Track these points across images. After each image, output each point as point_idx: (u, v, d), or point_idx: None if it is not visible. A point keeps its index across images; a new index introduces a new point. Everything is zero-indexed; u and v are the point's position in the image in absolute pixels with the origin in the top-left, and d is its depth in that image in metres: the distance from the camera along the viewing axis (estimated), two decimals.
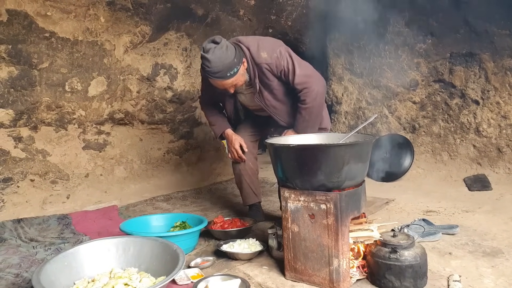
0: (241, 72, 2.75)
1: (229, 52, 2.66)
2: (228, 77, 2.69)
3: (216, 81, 2.73)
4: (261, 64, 2.80)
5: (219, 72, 2.65)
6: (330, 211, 2.03)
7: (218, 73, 2.65)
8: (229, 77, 2.70)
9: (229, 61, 2.64)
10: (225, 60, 2.62)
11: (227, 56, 2.64)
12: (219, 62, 2.62)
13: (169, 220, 3.07)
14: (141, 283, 2.03)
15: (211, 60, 2.60)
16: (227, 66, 2.64)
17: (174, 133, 4.94)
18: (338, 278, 2.05)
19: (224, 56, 2.62)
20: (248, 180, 3.32)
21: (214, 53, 2.61)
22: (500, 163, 4.35)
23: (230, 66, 2.65)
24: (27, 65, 3.49)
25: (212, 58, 2.60)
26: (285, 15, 5.34)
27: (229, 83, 2.75)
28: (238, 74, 2.73)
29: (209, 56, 2.60)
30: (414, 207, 3.64)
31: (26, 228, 3.35)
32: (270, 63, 2.79)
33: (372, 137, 2.30)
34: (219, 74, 2.65)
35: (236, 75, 2.72)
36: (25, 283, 2.32)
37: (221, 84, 2.75)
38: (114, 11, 3.89)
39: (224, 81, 2.71)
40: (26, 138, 3.66)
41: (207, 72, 2.67)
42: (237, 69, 2.70)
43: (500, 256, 2.43)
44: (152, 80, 4.43)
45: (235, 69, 2.69)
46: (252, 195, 3.36)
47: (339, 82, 5.66)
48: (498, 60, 4.30)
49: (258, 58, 2.79)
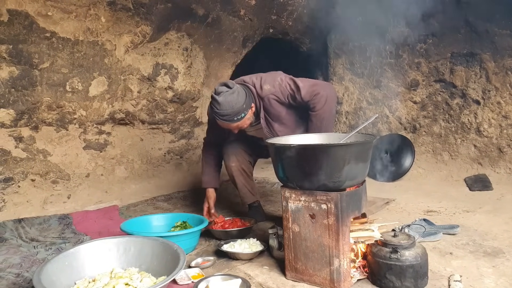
0: (248, 116, 2.87)
1: (240, 98, 2.76)
2: (235, 121, 2.81)
3: (223, 123, 2.84)
4: (267, 97, 2.88)
5: (226, 116, 2.76)
6: (331, 211, 2.03)
7: (226, 116, 2.76)
8: (236, 121, 2.81)
9: (238, 106, 2.74)
10: (234, 106, 2.73)
11: (237, 102, 2.74)
12: (228, 106, 2.72)
13: (170, 220, 3.07)
14: (142, 283, 2.03)
15: (220, 103, 2.71)
16: (235, 111, 2.75)
17: (175, 133, 4.94)
18: (338, 278, 2.05)
19: (234, 101, 2.73)
20: (243, 180, 3.35)
21: (225, 97, 2.71)
22: (501, 163, 4.35)
23: (238, 112, 2.76)
24: (28, 65, 3.49)
25: (222, 101, 2.71)
26: (285, 15, 5.33)
27: (234, 126, 2.86)
28: (245, 119, 2.85)
29: (220, 99, 2.71)
30: (414, 207, 3.64)
31: (27, 228, 3.35)
32: (275, 91, 2.87)
33: (373, 137, 2.29)
34: (226, 117, 2.77)
35: (242, 120, 2.84)
36: (26, 283, 2.33)
37: (226, 126, 2.86)
38: (114, 11, 3.89)
39: (230, 124, 2.83)
40: (27, 138, 3.66)
41: (215, 113, 2.79)
42: (245, 114, 2.82)
43: (501, 256, 2.43)
44: (153, 80, 4.43)
45: (242, 114, 2.80)
46: (249, 195, 3.38)
47: (340, 82, 5.66)
48: (499, 60, 4.29)
49: (263, 92, 2.88)
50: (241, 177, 3.34)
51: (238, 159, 3.31)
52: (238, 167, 3.31)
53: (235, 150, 3.33)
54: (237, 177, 3.33)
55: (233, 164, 3.31)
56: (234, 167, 3.31)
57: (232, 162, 3.30)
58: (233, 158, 3.30)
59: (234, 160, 3.30)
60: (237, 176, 3.33)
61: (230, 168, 3.32)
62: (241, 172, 3.33)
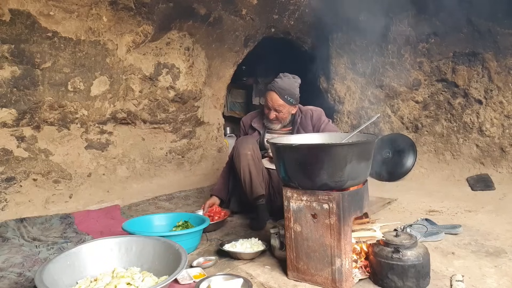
0: (290, 109, 3.33)
1: (296, 89, 3.29)
2: (283, 99, 3.24)
3: (273, 94, 3.25)
4: (306, 111, 3.42)
5: (282, 90, 3.21)
6: (333, 211, 2.03)
7: (281, 90, 3.21)
8: (283, 100, 3.24)
9: (292, 91, 3.25)
10: (291, 88, 3.25)
11: (295, 88, 3.27)
12: (287, 85, 3.24)
13: (171, 220, 3.07)
14: (144, 282, 2.03)
15: (284, 80, 3.25)
16: (289, 92, 3.23)
17: (177, 133, 4.95)
18: (340, 278, 2.04)
19: (293, 85, 3.27)
20: (256, 172, 3.29)
21: (289, 79, 3.27)
22: (503, 163, 4.34)
23: (290, 94, 3.23)
24: (30, 64, 3.49)
25: (285, 80, 3.26)
26: (287, 14, 5.33)
27: (279, 103, 3.25)
28: (289, 106, 3.30)
29: (284, 77, 3.26)
30: (416, 207, 3.64)
31: (29, 228, 3.35)
32: (315, 110, 3.44)
33: (375, 136, 2.29)
34: (281, 91, 3.21)
35: (288, 104, 3.28)
36: (28, 282, 2.33)
37: (275, 98, 3.25)
38: (116, 11, 3.89)
39: (278, 98, 3.23)
40: (28, 138, 3.67)
41: (273, 85, 3.25)
42: (292, 101, 3.27)
43: (503, 256, 2.43)
44: (155, 79, 4.43)
45: (290, 99, 3.25)
46: (260, 188, 3.29)
47: (342, 82, 5.66)
48: (501, 59, 4.29)
49: (305, 108, 3.48)
50: (255, 168, 3.29)
51: (254, 149, 3.31)
52: (253, 156, 3.29)
53: (251, 140, 3.38)
54: (252, 166, 3.27)
55: (249, 152, 3.28)
56: (250, 155, 3.27)
57: (248, 150, 3.28)
58: (250, 147, 3.30)
59: (250, 149, 3.29)
60: (252, 166, 3.27)
61: (246, 156, 3.27)
62: (255, 162, 3.29)
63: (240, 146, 3.32)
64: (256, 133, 3.52)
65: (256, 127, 3.53)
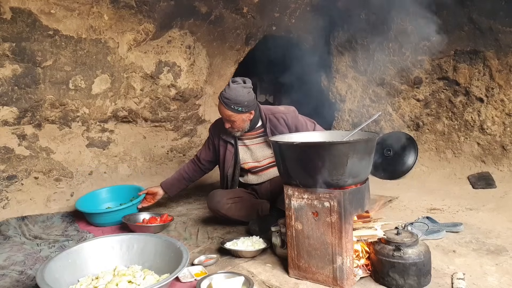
0: (243, 116, 3.12)
1: (246, 96, 3.06)
2: (230, 109, 3.05)
3: (220, 106, 3.10)
4: (279, 115, 3.24)
5: (227, 100, 3.03)
6: (334, 209, 2.03)
7: (227, 100, 3.03)
8: (231, 110, 3.05)
9: (240, 99, 3.03)
10: (238, 96, 3.02)
11: (243, 96, 3.04)
12: (233, 94, 3.02)
13: (117, 193, 3.80)
14: (145, 280, 2.03)
15: (231, 88, 3.05)
16: (237, 101, 3.02)
17: (178, 131, 4.95)
18: (341, 276, 2.05)
19: (240, 93, 3.04)
20: (236, 210, 3.21)
21: (236, 86, 3.06)
22: (504, 161, 4.34)
23: (236, 102, 3.02)
24: (31, 63, 3.49)
25: (232, 87, 3.05)
26: (288, 12, 5.32)
27: (228, 114, 3.08)
28: (240, 115, 3.09)
29: (231, 85, 3.07)
30: (418, 205, 3.64)
31: (30, 226, 3.36)
32: (287, 113, 3.25)
33: (376, 134, 2.29)
34: (227, 101, 3.03)
35: (237, 114, 3.07)
36: (29, 280, 2.33)
37: (222, 110, 3.10)
38: (117, 9, 3.89)
39: (225, 109, 3.06)
40: (30, 136, 3.67)
41: (220, 95, 3.09)
42: (242, 110, 3.06)
43: (504, 254, 2.43)
44: (156, 77, 4.43)
45: (240, 108, 3.05)
46: (254, 212, 3.21)
47: (343, 80, 5.65)
48: (502, 57, 4.28)
49: (276, 109, 3.32)
50: (238, 209, 3.20)
51: (224, 195, 3.24)
52: (227, 202, 3.20)
53: (216, 193, 3.28)
54: (230, 210, 3.18)
55: (224, 207, 3.19)
56: (220, 202, 3.19)
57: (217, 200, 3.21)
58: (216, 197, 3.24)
59: (220, 199, 3.22)
60: (229, 210, 3.18)
61: (220, 205, 3.19)
62: (233, 204, 3.21)
63: (210, 201, 3.25)
64: (229, 146, 3.33)
65: (227, 139, 3.33)
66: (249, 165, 3.32)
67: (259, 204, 3.24)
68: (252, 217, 3.14)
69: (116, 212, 3.33)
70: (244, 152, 3.31)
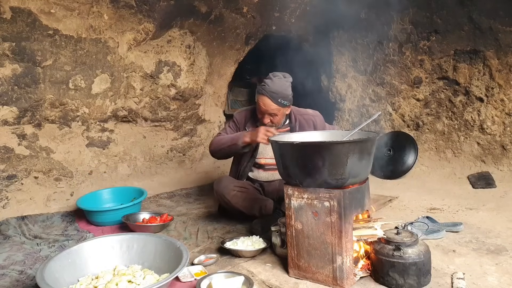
0: (285, 110, 3.11)
1: (289, 89, 3.04)
2: (277, 103, 3.00)
3: (265, 99, 3.01)
4: (307, 115, 3.26)
5: (274, 93, 2.97)
6: (334, 209, 2.03)
7: (273, 93, 2.97)
8: (277, 103, 3.00)
9: (286, 93, 3.00)
10: (285, 90, 3.00)
11: (287, 89, 3.02)
12: (279, 87, 2.99)
13: (118, 194, 3.87)
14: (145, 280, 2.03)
15: (275, 82, 3.00)
16: (282, 94, 2.98)
17: (178, 131, 4.95)
18: (341, 275, 2.05)
19: (285, 86, 3.01)
20: (245, 201, 3.17)
21: (280, 79, 3.01)
22: (504, 161, 4.34)
23: (283, 96, 2.99)
24: (31, 62, 3.49)
25: (276, 81, 3.00)
26: (288, 12, 5.32)
27: (273, 108, 3.02)
28: (283, 109, 3.07)
29: (274, 79, 3.01)
30: (417, 205, 3.64)
31: (30, 225, 3.36)
32: (316, 116, 3.27)
33: (376, 134, 2.28)
34: (273, 94, 2.97)
35: (282, 107, 3.04)
36: (29, 280, 2.33)
37: (268, 103, 3.01)
38: (117, 9, 3.89)
39: (272, 102, 3.00)
40: (30, 136, 3.67)
41: (264, 89, 3.00)
42: (286, 103, 3.03)
43: (504, 254, 2.43)
44: (156, 77, 4.43)
45: (284, 102, 3.02)
46: (259, 209, 3.16)
47: (343, 79, 5.65)
48: (502, 57, 4.28)
49: (304, 111, 3.32)
50: (242, 199, 3.15)
51: (232, 181, 3.22)
52: (233, 189, 3.16)
53: (224, 178, 3.26)
54: (234, 198, 3.14)
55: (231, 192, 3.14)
56: (227, 187, 3.15)
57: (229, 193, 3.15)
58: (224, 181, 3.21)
59: (228, 183, 3.18)
60: (234, 197, 3.14)
61: (226, 190, 3.15)
62: (239, 192, 3.16)
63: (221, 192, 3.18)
64: None
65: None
66: (265, 160, 3.29)
67: (264, 201, 3.18)
68: (254, 212, 3.13)
69: (116, 211, 3.33)
70: (264, 147, 3.24)
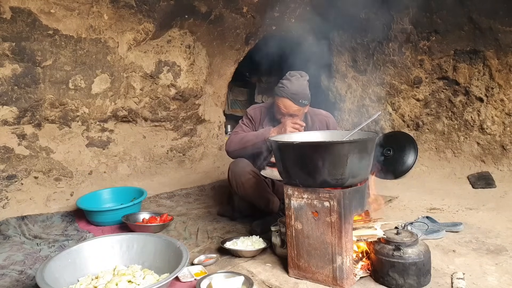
0: (304, 109, 3.08)
1: (308, 88, 3.02)
2: (298, 104, 2.97)
3: (286, 101, 2.97)
4: (320, 115, 3.23)
5: (294, 94, 2.94)
6: (334, 209, 2.03)
7: (294, 94, 2.94)
8: (298, 104, 2.98)
9: (305, 92, 2.98)
10: (303, 90, 2.98)
11: (306, 87, 3.00)
12: (299, 87, 2.96)
13: (118, 194, 3.87)
14: (145, 280, 2.03)
15: (293, 82, 2.96)
16: (302, 94, 2.96)
17: (178, 131, 4.94)
18: (341, 275, 2.05)
19: (305, 86, 2.99)
20: (260, 189, 3.10)
21: (298, 79, 2.98)
22: (504, 161, 4.34)
23: (303, 96, 2.97)
24: (31, 62, 3.49)
25: (295, 82, 2.96)
26: (288, 12, 5.32)
27: (295, 109, 2.99)
28: (303, 108, 3.05)
29: (293, 79, 2.97)
30: (417, 205, 3.64)
31: (30, 225, 3.36)
32: (328, 116, 3.25)
33: (376, 134, 2.29)
34: (294, 96, 2.95)
35: (302, 107, 3.02)
36: (29, 280, 2.33)
37: (289, 105, 2.98)
38: (117, 9, 3.89)
39: (293, 104, 2.97)
40: (29, 136, 3.67)
41: (284, 91, 2.96)
42: (306, 103, 3.02)
43: (504, 254, 2.43)
44: (156, 77, 4.43)
45: (305, 102, 3.00)
46: (268, 201, 3.09)
47: (343, 80, 5.65)
48: (502, 57, 4.28)
49: (318, 111, 3.28)
50: (255, 187, 3.09)
51: (249, 165, 3.16)
52: (250, 173, 3.10)
53: (242, 160, 3.18)
54: (248, 182, 3.09)
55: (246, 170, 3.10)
56: (245, 170, 3.11)
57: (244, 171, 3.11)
58: (242, 163, 3.15)
59: (245, 166, 3.13)
60: (247, 182, 3.09)
61: (243, 172, 3.09)
62: (254, 178, 3.10)
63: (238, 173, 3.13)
64: None
65: None
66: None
67: (272, 197, 3.09)
68: (261, 204, 3.09)
69: (116, 211, 3.33)
70: None
